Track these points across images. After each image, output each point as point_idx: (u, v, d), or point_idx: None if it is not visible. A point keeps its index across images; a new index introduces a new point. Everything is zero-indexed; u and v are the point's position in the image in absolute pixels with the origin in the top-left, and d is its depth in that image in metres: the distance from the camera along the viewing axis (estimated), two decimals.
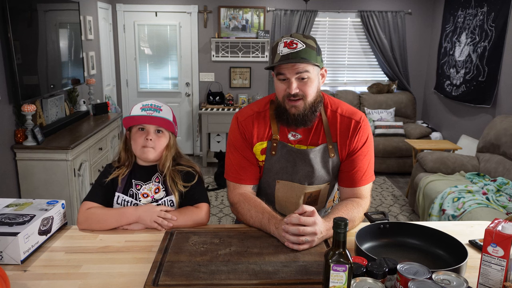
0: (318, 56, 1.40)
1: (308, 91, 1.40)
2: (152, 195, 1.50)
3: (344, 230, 0.92)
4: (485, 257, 1.02)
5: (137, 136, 1.48)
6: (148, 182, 1.51)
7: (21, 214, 1.31)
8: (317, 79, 1.43)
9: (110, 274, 1.16)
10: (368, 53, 5.83)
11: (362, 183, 1.51)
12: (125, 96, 5.75)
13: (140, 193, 1.50)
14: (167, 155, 1.50)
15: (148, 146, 1.47)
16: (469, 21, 4.72)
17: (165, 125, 1.49)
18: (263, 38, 5.49)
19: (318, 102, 1.45)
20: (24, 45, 3.06)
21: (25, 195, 3.08)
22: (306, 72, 1.37)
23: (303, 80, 1.39)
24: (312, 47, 1.38)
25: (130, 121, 1.48)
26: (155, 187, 1.51)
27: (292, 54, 1.35)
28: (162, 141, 1.49)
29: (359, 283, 0.97)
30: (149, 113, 1.46)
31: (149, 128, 1.47)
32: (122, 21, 5.51)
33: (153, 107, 1.48)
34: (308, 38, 1.40)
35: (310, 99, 1.41)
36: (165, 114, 1.49)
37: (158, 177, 1.52)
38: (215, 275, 1.13)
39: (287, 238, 1.27)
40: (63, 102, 3.81)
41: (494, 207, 3.02)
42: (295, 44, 1.37)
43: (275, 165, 1.52)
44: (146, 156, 1.48)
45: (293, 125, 1.45)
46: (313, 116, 1.45)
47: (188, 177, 1.53)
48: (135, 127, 1.49)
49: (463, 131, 4.86)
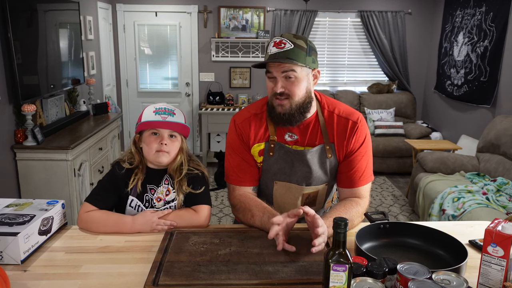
0: (308, 57, 1.39)
1: (295, 90, 1.40)
2: (164, 198, 1.50)
3: (344, 230, 0.92)
4: (485, 257, 1.02)
5: (151, 140, 1.46)
6: (159, 185, 1.51)
7: (21, 214, 1.31)
8: (306, 80, 1.42)
9: (110, 274, 1.16)
10: (368, 53, 5.83)
11: (361, 183, 1.51)
12: (125, 96, 5.75)
13: (154, 198, 1.50)
14: (182, 158, 1.50)
15: (163, 151, 1.45)
16: (467, 20, 4.72)
17: (180, 130, 1.48)
18: (263, 38, 5.49)
19: (307, 103, 1.44)
20: (24, 45, 3.06)
21: (25, 195, 3.08)
22: (292, 72, 1.38)
23: (289, 79, 1.39)
24: (301, 48, 1.38)
25: (145, 125, 1.46)
26: (166, 189, 1.51)
27: (279, 54, 1.36)
28: (175, 145, 1.48)
29: (359, 283, 0.97)
30: (163, 117, 1.44)
31: (163, 132, 1.46)
32: (122, 21, 5.51)
33: (167, 111, 1.46)
34: (299, 39, 1.39)
35: (296, 99, 1.41)
36: (178, 118, 1.48)
37: (167, 179, 1.52)
38: (215, 275, 1.13)
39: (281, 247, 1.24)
40: (63, 102, 3.81)
41: (494, 207, 3.02)
42: (283, 44, 1.37)
43: (273, 166, 1.52)
44: (161, 160, 1.46)
45: (281, 124, 1.46)
46: (301, 117, 1.45)
47: (194, 181, 1.51)
48: (147, 131, 1.48)
49: (463, 131, 4.86)
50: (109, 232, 1.41)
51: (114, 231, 1.41)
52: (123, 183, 1.48)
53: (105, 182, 1.52)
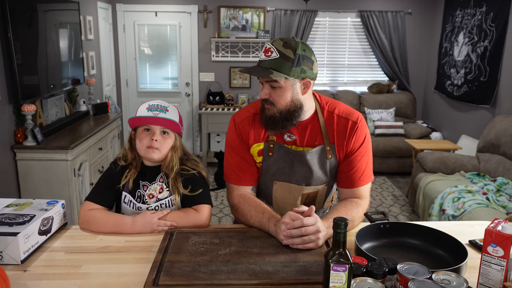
0: (295, 68, 1.36)
1: (278, 99, 1.41)
2: (157, 195, 1.51)
3: (344, 230, 0.92)
4: (485, 257, 1.02)
5: (143, 136, 1.48)
6: (153, 182, 1.52)
7: (21, 214, 1.31)
8: (291, 90, 1.40)
9: (110, 274, 1.16)
10: (368, 53, 5.83)
11: (361, 183, 1.51)
12: (125, 96, 5.75)
13: (146, 194, 1.50)
14: (173, 156, 1.50)
15: (153, 147, 1.46)
16: (467, 20, 4.72)
17: (171, 126, 1.48)
18: (263, 38, 5.49)
19: (293, 111, 1.43)
20: (24, 45, 3.06)
21: (25, 195, 3.08)
22: (275, 82, 1.38)
23: (273, 88, 1.40)
24: (287, 58, 1.35)
25: (136, 121, 1.48)
26: (159, 187, 1.51)
27: (264, 62, 1.37)
28: (167, 142, 1.49)
29: (359, 283, 0.97)
30: (155, 114, 1.45)
31: (155, 128, 1.47)
32: (122, 21, 5.51)
33: (160, 108, 1.47)
34: (288, 48, 1.36)
35: (280, 107, 1.41)
36: (171, 114, 1.48)
37: (162, 177, 1.52)
38: (215, 275, 1.13)
39: (291, 243, 1.28)
40: (63, 102, 3.81)
41: (494, 207, 3.02)
42: (270, 52, 1.37)
43: (273, 166, 1.52)
44: (151, 157, 1.48)
45: (268, 127, 1.47)
46: (287, 123, 1.44)
47: (191, 182, 1.50)
48: (140, 127, 1.49)
49: (463, 131, 4.86)
50: (109, 232, 1.41)
51: (114, 232, 1.41)
52: (118, 180, 1.50)
53: (103, 180, 1.54)
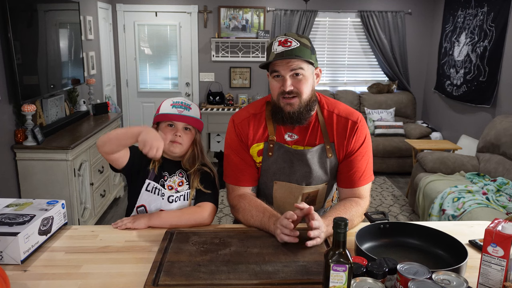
0: (312, 55, 1.41)
1: (303, 88, 1.40)
2: (176, 188, 1.56)
3: (344, 230, 0.92)
4: (485, 257, 1.02)
5: (166, 131, 1.54)
6: (172, 175, 1.57)
7: (21, 214, 1.31)
8: (312, 78, 1.43)
9: (110, 274, 1.16)
10: (368, 53, 5.83)
11: (361, 183, 1.51)
12: (125, 96, 5.75)
13: (166, 185, 1.55)
14: (194, 150, 1.58)
15: (177, 142, 1.53)
16: (469, 21, 4.72)
17: (194, 123, 1.56)
18: (263, 38, 5.49)
19: (313, 101, 1.45)
20: (24, 45, 3.06)
21: (25, 195, 3.08)
22: (301, 69, 1.38)
23: (297, 77, 1.39)
24: (307, 46, 1.39)
25: (161, 117, 1.54)
26: (179, 181, 1.57)
27: (287, 52, 1.36)
28: (189, 137, 1.57)
29: (359, 283, 0.97)
30: (179, 111, 1.54)
31: (178, 125, 1.54)
32: (122, 21, 5.51)
33: (184, 105, 1.56)
34: (302, 37, 1.41)
35: (305, 97, 1.41)
36: (193, 112, 1.57)
37: (181, 172, 1.58)
38: (215, 275, 1.13)
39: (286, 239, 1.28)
40: (63, 102, 3.81)
41: (494, 207, 3.02)
42: (289, 42, 1.37)
43: (272, 166, 1.52)
44: (174, 150, 1.54)
45: (289, 123, 1.45)
46: (308, 114, 1.45)
47: (206, 179, 1.57)
48: (163, 122, 1.56)
49: (463, 131, 4.86)
50: (119, 141, 1.41)
51: (122, 134, 1.40)
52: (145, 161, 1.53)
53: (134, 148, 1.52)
